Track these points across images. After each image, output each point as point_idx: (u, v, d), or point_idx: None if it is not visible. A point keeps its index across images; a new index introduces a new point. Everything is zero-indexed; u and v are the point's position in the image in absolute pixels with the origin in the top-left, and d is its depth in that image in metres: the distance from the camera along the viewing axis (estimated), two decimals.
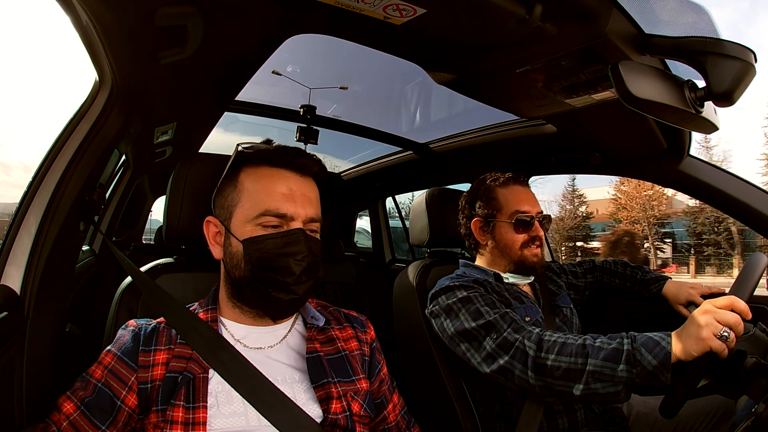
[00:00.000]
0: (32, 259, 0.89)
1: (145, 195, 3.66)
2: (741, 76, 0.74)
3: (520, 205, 1.26)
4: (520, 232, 1.26)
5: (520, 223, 1.26)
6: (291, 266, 0.78)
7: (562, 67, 0.95)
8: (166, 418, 0.71)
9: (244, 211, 0.80)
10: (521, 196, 1.28)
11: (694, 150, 1.31)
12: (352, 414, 0.81)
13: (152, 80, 1.09)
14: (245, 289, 0.81)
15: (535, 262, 1.26)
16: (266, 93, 1.85)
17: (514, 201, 1.27)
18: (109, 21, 0.80)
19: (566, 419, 1.12)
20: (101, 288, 2.35)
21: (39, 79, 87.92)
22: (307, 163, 0.84)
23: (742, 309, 0.82)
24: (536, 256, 1.26)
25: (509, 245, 1.27)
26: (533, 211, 1.26)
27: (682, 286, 1.32)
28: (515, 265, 1.27)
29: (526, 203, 1.27)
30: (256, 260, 0.77)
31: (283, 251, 0.78)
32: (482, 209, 1.30)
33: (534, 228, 1.26)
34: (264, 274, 0.78)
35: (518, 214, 1.26)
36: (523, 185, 1.31)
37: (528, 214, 1.25)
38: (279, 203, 0.79)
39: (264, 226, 0.79)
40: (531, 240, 1.26)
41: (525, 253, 1.25)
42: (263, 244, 0.78)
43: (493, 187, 1.31)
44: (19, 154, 22.16)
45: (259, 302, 0.82)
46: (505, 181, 1.31)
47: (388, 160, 2.34)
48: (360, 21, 0.87)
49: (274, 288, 0.78)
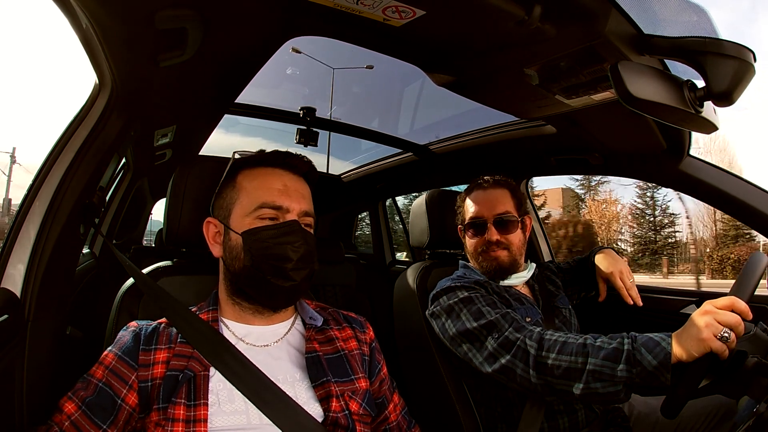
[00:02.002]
0: (33, 261, 0.89)
1: (145, 198, 3.66)
2: (740, 75, 0.74)
3: (473, 210, 1.28)
4: (472, 238, 1.28)
5: (470, 228, 1.28)
6: (288, 253, 0.81)
7: (561, 68, 0.95)
8: (168, 416, 0.72)
9: (243, 206, 0.84)
10: (478, 200, 1.29)
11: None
12: (351, 413, 0.82)
13: (152, 83, 1.09)
14: (245, 279, 0.82)
15: (494, 266, 1.24)
16: (266, 95, 1.85)
17: (470, 206, 1.29)
18: (108, 24, 0.81)
19: (567, 419, 1.12)
20: (101, 291, 2.35)
21: (39, 82, 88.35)
22: (299, 163, 0.90)
23: (742, 309, 0.82)
24: (495, 260, 1.24)
25: (470, 251, 1.31)
26: (488, 215, 1.25)
27: (613, 261, 1.30)
28: (482, 269, 1.28)
29: (482, 207, 1.27)
30: (255, 250, 0.80)
31: (280, 240, 0.81)
32: (458, 217, 1.36)
33: (488, 232, 1.25)
34: (263, 262, 0.80)
35: (470, 219, 1.28)
36: (488, 188, 1.30)
37: (479, 218, 1.26)
38: (275, 197, 0.84)
39: (261, 219, 0.83)
40: (485, 244, 1.25)
41: (484, 257, 1.26)
42: (262, 234, 0.81)
43: (463, 195, 1.34)
44: (20, 157, 22.31)
45: (259, 292, 0.83)
46: (470, 188, 1.33)
47: (388, 162, 2.35)
48: (359, 23, 0.87)
49: (273, 275, 0.80)
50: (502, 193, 1.29)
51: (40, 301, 0.90)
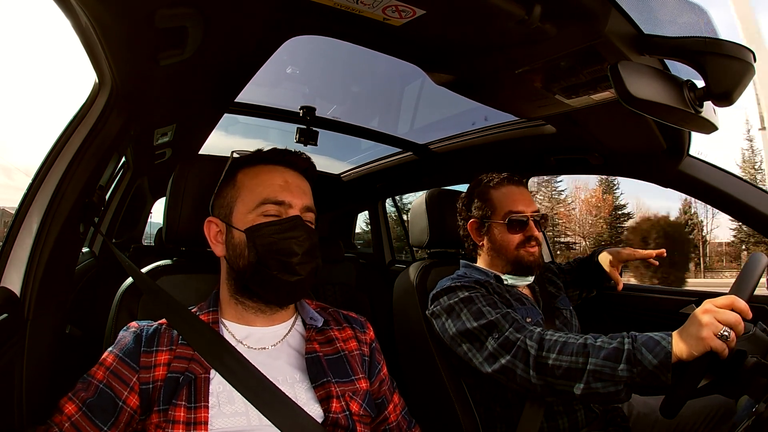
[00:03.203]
0: (32, 260, 0.89)
1: (145, 197, 3.66)
2: (740, 75, 0.74)
3: (513, 205, 1.27)
4: (514, 233, 1.26)
5: (514, 223, 1.26)
6: (293, 247, 0.81)
7: (561, 68, 0.95)
8: (168, 418, 0.72)
9: (245, 203, 0.84)
10: (515, 196, 1.28)
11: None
12: (351, 414, 0.81)
13: (152, 82, 1.09)
14: (251, 276, 0.82)
15: (531, 262, 1.26)
16: (266, 94, 1.85)
17: (508, 201, 1.28)
18: (108, 23, 0.80)
19: (567, 419, 1.12)
20: (101, 290, 2.35)
21: (39, 81, 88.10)
22: (298, 161, 0.91)
23: (742, 308, 0.82)
24: (532, 256, 1.26)
25: (505, 246, 1.27)
26: (528, 211, 1.26)
27: (620, 248, 1.38)
28: (512, 265, 1.27)
29: (520, 203, 1.27)
30: (260, 246, 0.80)
31: (284, 235, 0.81)
32: (477, 210, 1.31)
33: (529, 228, 1.26)
34: (269, 258, 0.80)
35: (512, 215, 1.26)
36: (518, 185, 1.31)
37: (522, 214, 1.26)
38: (277, 192, 0.84)
39: (265, 215, 0.83)
40: (526, 240, 1.26)
41: (521, 252, 1.26)
42: (265, 230, 0.81)
43: (487, 188, 1.31)
44: (20, 157, 22.23)
45: (265, 288, 0.83)
46: (500, 181, 1.31)
47: (388, 161, 2.35)
48: (359, 22, 0.87)
49: (279, 270, 0.80)
50: (529, 192, 1.32)
51: (40, 299, 0.90)
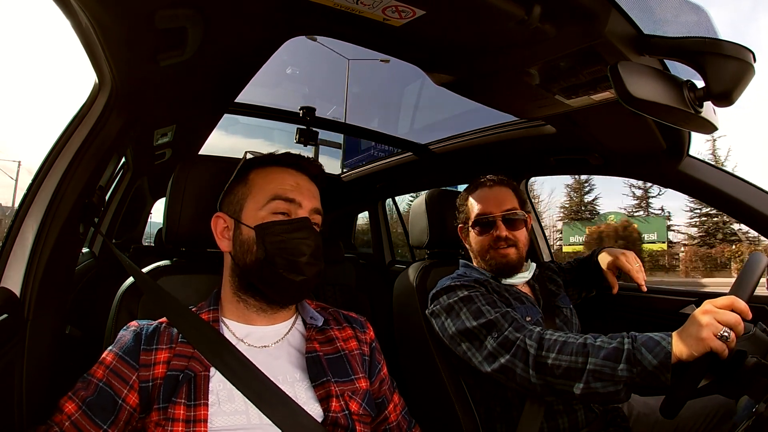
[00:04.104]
0: (32, 261, 0.89)
1: (145, 197, 3.65)
2: (740, 76, 0.74)
3: (481, 207, 1.28)
4: (481, 234, 1.28)
5: (479, 224, 1.28)
6: (301, 247, 0.83)
7: (561, 68, 0.95)
8: (168, 416, 0.72)
9: (256, 200, 0.86)
10: (485, 198, 1.29)
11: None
12: (351, 413, 0.82)
13: (152, 82, 1.09)
14: (256, 273, 0.83)
15: (504, 264, 1.25)
16: (266, 95, 1.85)
17: (477, 205, 1.29)
18: (108, 23, 0.80)
19: (566, 419, 1.12)
20: (101, 290, 2.35)
21: (39, 81, 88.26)
22: (310, 166, 0.93)
23: (742, 309, 0.82)
24: (505, 257, 1.25)
25: (478, 249, 1.30)
26: (496, 211, 1.26)
27: (618, 251, 1.34)
28: (489, 267, 1.28)
29: (490, 204, 1.27)
30: (269, 243, 0.82)
31: (293, 235, 0.83)
32: (461, 216, 1.35)
33: (496, 228, 1.25)
34: (277, 255, 0.81)
35: (478, 216, 1.28)
36: (492, 187, 1.31)
37: (489, 215, 1.26)
38: (288, 191, 0.86)
39: (274, 213, 0.84)
40: (495, 240, 1.25)
41: (492, 254, 1.26)
42: (275, 228, 0.83)
43: (466, 193, 1.34)
44: (20, 157, 22.27)
45: (271, 286, 0.84)
46: (474, 185, 1.33)
47: (388, 162, 2.35)
48: (359, 23, 0.87)
49: (286, 269, 0.81)
50: (507, 192, 1.31)
51: (40, 300, 0.90)
